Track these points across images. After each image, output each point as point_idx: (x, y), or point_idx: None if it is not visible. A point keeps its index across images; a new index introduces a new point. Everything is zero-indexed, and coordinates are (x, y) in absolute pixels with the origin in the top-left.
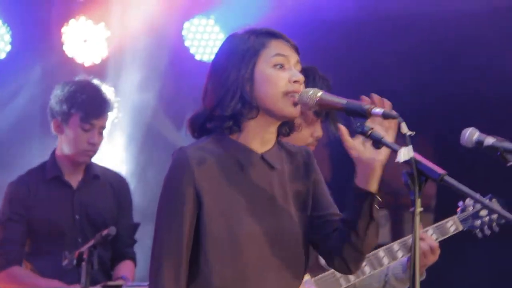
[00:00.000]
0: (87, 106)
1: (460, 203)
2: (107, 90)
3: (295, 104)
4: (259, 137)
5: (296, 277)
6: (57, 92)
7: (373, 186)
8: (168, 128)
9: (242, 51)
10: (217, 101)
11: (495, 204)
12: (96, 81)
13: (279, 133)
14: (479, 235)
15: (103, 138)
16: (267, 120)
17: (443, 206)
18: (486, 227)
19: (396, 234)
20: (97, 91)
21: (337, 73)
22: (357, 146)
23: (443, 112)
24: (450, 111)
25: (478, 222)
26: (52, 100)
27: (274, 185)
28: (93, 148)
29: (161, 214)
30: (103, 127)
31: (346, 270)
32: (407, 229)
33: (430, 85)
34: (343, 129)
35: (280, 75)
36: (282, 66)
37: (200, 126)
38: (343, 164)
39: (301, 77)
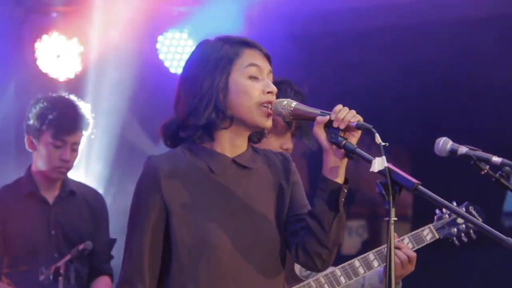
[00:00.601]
0: (58, 123)
1: (437, 211)
2: (83, 106)
3: (268, 115)
4: (230, 145)
5: (274, 280)
6: (31, 109)
7: (340, 177)
8: (145, 142)
9: (215, 60)
10: (190, 110)
11: (472, 212)
12: (71, 97)
13: (249, 140)
14: (456, 242)
15: (77, 155)
16: (239, 129)
17: (421, 215)
18: (463, 234)
19: (374, 244)
20: (69, 108)
21: (306, 82)
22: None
23: (417, 122)
24: (424, 121)
25: (454, 230)
26: (26, 117)
27: (249, 187)
28: (66, 164)
29: (130, 223)
30: (76, 143)
31: (312, 265)
32: (384, 239)
33: (402, 95)
34: (319, 119)
35: (254, 86)
36: (256, 78)
37: (173, 135)
38: (317, 171)
39: (274, 88)
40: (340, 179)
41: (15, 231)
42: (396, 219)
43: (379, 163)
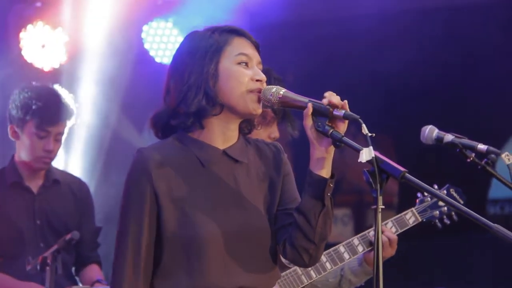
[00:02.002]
0: (42, 113)
1: (419, 195)
2: (66, 96)
3: (259, 100)
4: (221, 134)
5: (266, 272)
6: (14, 98)
7: (326, 170)
8: (129, 131)
9: (205, 47)
10: (180, 98)
11: (453, 194)
12: (55, 87)
13: (239, 131)
14: (439, 225)
15: (60, 145)
16: (229, 117)
17: (405, 202)
18: (445, 217)
19: (359, 232)
20: (53, 98)
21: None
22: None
23: (402, 111)
24: (405, 108)
25: (436, 213)
26: (10, 106)
27: (240, 179)
28: (49, 155)
29: (121, 217)
30: (60, 134)
31: (300, 261)
32: (369, 227)
33: (389, 85)
34: (309, 106)
35: (244, 72)
36: (246, 64)
37: (163, 125)
38: (306, 164)
39: (263, 77)
40: (325, 172)
41: (1, 220)
42: (383, 207)
43: (366, 153)
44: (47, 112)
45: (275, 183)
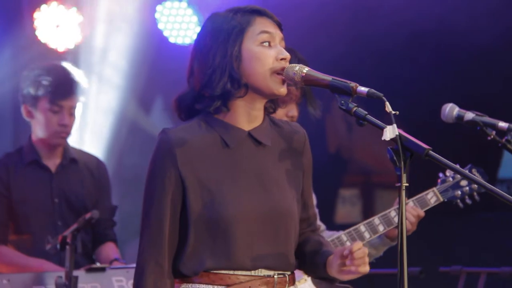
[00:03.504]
0: (53, 88)
1: (441, 174)
2: (76, 72)
3: (283, 81)
4: (246, 115)
5: (288, 253)
6: (24, 78)
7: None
8: (139, 113)
9: (227, 30)
10: (205, 81)
11: (475, 174)
12: (64, 63)
13: (264, 110)
14: (460, 205)
15: (74, 119)
16: (255, 98)
17: (423, 181)
18: (467, 197)
19: (367, 213)
20: (63, 73)
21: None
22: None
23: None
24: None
25: (458, 193)
26: (21, 86)
27: (264, 161)
28: (65, 129)
29: (146, 199)
30: (73, 108)
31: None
32: (378, 207)
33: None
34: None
35: (267, 53)
36: (268, 43)
37: (188, 108)
38: (314, 145)
39: (287, 55)
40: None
41: (18, 198)
42: (407, 184)
43: (390, 131)
44: (58, 87)
45: (298, 167)
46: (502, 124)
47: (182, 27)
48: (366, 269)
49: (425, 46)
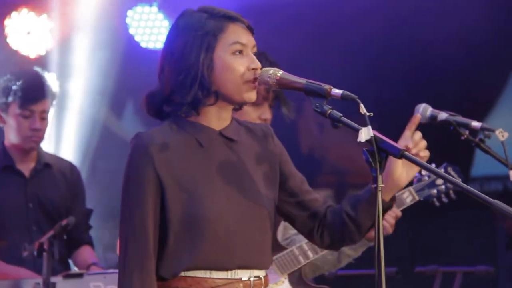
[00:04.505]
0: (24, 93)
1: (417, 174)
2: (47, 76)
3: (254, 88)
4: (216, 117)
5: (264, 251)
6: None
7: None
8: (110, 118)
9: (200, 36)
10: (175, 86)
11: (451, 173)
12: (35, 69)
13: None
14: (437, 203)
15: (47, 123)
16: (225, 104)
17: None
18: (443, 195)
19: None
20: (32, 77)
21: (291, 54)
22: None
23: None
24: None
25: (434, 191)
26: None
27: (238, 159)
28: (37, 133)
29: (125, 202)
30: (44, 112)
31: (332, 247)
32: None
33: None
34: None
35: (239, 62)
36: (240, 52)
37: (156, 107)
38: (287, 146)
39: (258, 64)
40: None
41: None
42: (383, 185)
43: (365, 133)
44: (28, 91)
45: (271, 162)
46: (475, 124)
47: (153, 32)
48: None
49: (397, 47)
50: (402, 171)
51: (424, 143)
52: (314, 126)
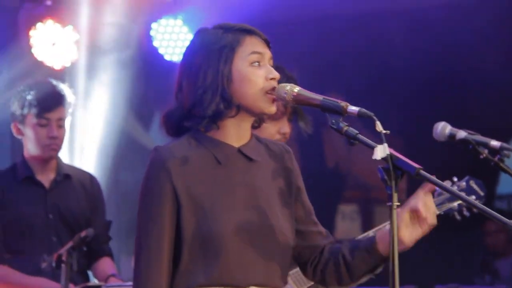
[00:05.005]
0: (38, 102)
1: (437, 188)
2: (61, 85)
3: (273, 101)
4: (235, 133)
5: (280, 270)
6: (12, 96)
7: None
8: (138, 130)
9: (218, 49)
10: (195, 100)
11: (473, 187)
12: (48, 79)
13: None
14: (458, 217)
15: (64, 131)
16: (244, 116)
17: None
18: (464, 208)
19: (367, 228)
20: (47, 87)
21: (307, 70)
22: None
23: (412, 108)
24: (415, 106)
25: (454, 205)
26: (9, 106)
27: (255, 178)
28: (55, 141)
29: (142, 216)
30: (61, 119)
31: (323, 283)
32: (378, 223)
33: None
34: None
35: (257, 73)
36: (258, 63)
37: (176, 124)
38: (313, 160)
39: (277, 74)
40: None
41: (13, 215)
42: (399, 203)
43: (381, 151)
44: (43, 100)
45: (288, 183)
46: (494, 143)
47: (177, 45)
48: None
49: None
50: (406, 232)
51: (434, 208)
52: (339, 140)
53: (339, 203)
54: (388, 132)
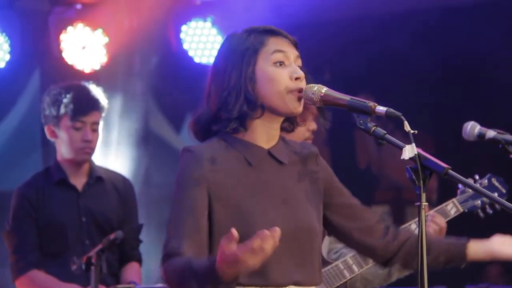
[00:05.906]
0: (74, 105)
1: (460, 186)
2: (95, 89)
3: (299, 99)
4: (265, 134)
5: (315, 268)
6: (45, 99)
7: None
8: (168, 132)
9: (241, 51)
10: (221, 103)
11: (495, 184)
12: (82, 82)
13: (281, 129)
14: (481, 214)
15: (98, 135)
16: (271, 117)
17: (443, 198)
18: (487, 206)
19: None
20: (81, 90)
21: (336, 71)
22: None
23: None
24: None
25: (478, 203)
26: (43, 108)
27: (285, 179)
28: (89, 145)
29: (174, 214)
30: (95, 123)
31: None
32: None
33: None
34: None
35: (280, 73)
36: (282, 63)
37: (204, 128)
38: (344, 162)
39: (301, 74)
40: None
41: (47, 218)
42: (427, 203)
43: (409, 150)
44: (78, 103)
45: (316, 184)
46: None
47: (207, 47)
48: None
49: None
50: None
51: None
52: (371, 140)
53: (371, 204)
54: (416, 132)
